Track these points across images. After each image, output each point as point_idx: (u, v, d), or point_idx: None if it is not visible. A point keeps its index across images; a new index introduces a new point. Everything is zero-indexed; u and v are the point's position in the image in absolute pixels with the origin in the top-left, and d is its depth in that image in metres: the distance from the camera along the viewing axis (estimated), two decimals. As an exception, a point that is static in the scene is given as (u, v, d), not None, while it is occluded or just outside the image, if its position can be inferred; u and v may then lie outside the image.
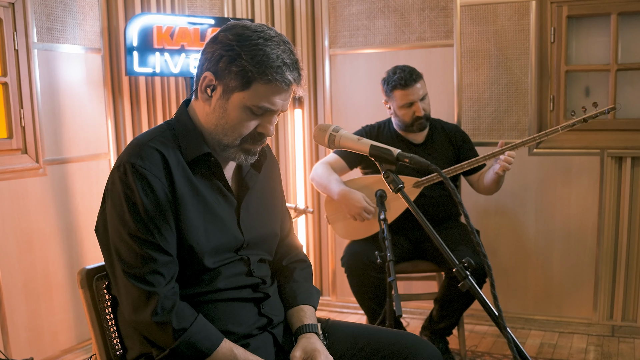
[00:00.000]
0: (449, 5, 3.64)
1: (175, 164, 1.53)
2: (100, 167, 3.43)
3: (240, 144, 1.57)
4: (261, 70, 1.47)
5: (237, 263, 1.63)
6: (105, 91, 3.42)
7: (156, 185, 1.49)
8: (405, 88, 3.07)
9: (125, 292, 1.50)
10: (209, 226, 1.56)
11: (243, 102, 1.51)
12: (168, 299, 1.49)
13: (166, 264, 1.50)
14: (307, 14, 3.95)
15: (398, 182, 1.41)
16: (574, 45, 3.54)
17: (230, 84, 1.51)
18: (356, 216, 3.02)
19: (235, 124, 1.54)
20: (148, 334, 1.52)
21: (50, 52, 3.12)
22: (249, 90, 1.50)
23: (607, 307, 3.53)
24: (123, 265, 1.49)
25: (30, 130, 3.04)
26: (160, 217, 1.49)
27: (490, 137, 3.64)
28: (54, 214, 3.16)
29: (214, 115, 1.55)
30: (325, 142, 1.53)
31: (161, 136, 1.57)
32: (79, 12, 3.25)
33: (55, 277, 3.17)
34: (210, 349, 1.49)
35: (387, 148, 1.43)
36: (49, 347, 3.13)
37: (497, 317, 1.33)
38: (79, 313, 3.28)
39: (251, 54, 1.48)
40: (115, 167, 1.52)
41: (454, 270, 1.38)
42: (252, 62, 1.47)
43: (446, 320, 3.10)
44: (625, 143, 3.40)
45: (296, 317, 1.71)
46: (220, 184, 1.61)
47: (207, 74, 1.53)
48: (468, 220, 1.34)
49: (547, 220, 3.60)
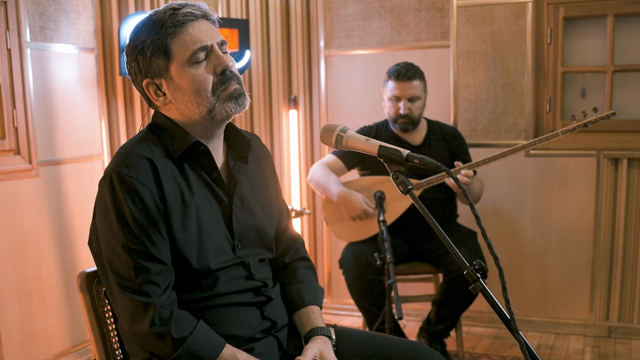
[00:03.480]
0: (445, 6, 3.63)
1: (163, 168, 1.50)
2: (94, 168, 3.38)
3: (217, 97, 1.51)
4: (162, 31, 1.48)
5: (236, 267, 1.59)
6: (98, 91, 3.38)
7: (144, 194, 1.45)
8: (397, 81, 3.05)
9: (122, 305, 1.47)
10: (201, 228, 1.53)
11: (180, 65, 1.49)
12: (165, 308, 1.45)
13: (161, 273, 1.47)
14: (302, 15, 3.93)
15: (407, 184, 1.38)
16: (570, 46, 3.54)
17: (160, 66, 1.50)
18: (356, 217, 3.00)
19: (195, 85, 1.49)
20: (147, 346, 1.49)
21: (43, 52, 3.08)
22: (173, 54, 1.48)
23: (603, 308, 3.53)
24: (117, 278, 1.46)
25: (23, 130, 2.99)
26: (151, 226, 1.45)
27: (486, 138, 3.63)
28: (47, 215, 3.11)
29: (179, 102, 1.52)
30: (333, 143, 1.50)
31: (146, 140, 1.54)
32: (72, 12, 3.21)
33: (49, 280, 3.12)
34: (212, 356, 1.46)
35: (396, 149, 1.40)
36: (43, 351, 3.08)
37: (509, 320, 1.31)
38: (72, 316, 3.23)
39: (146, 32, 1.49)
40: (102, 178, 1.49)
41: (464, 272, 1.35)
42: (152, 34, 1.48)
43: (444, 322, 3.08)
44: (621, 144, 3.40)
45: (306, 318, 1.68)
46: (211, 180, 1.57)
47: (144, 82, 1.53)
48: (479, 222, 1.32)
49: (544, 222, 3.59)
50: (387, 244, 2.51)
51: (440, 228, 1.37)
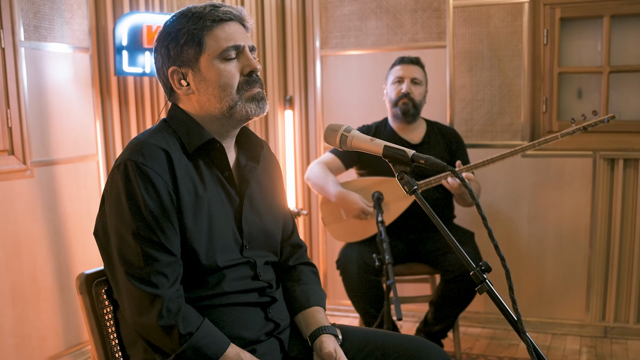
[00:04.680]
0: (441, 6, 3.63)
1: (178, 161, 1.50)
2: (89, 168, 3.35)
3: (240, 96, 1.55)
4: (200, 23, 1.52)
5: (242, 266, 1.59)
6: (93, 91, 3.35)
7: (159, 184, 1.45)
8: (401, 63, 3.18)
9: (128, 295, 1.45)
10: (212, 225, 1.52)
11: (211, 58, 1.53)
12: (173, 301, 1.44)
13: (170, 265, 1.46)
14: (298, 15, 3.91)
15: (413, 184, 1.37)
16: (566, 47, 3.55)
17: (190, 55, 1.53)
18: (354, 217, 2.99)
19: (220, 80, 1.53)
20: (152, 339, 1.46)
21: (37, 51, 3.04)
22: (206, 46, 1.52)
23: (599, 308, 3.53)
24: (125, 267, 1.44)
25: (18, 131, 2.96)
26: (163, 216, 1.45)
27: (483, 139, 3.63)
28: (41, 216, 3.08)
29: (201, 94, 1.55)
30: (337, 143, 1.49)
31: (161, 133, 1.54)
32: (66, 10, 3.18)
33: (43, 281, 3.08)
34: (217, 353, 1.45)
35: (402, 149, 1.39)
36: (37, 353, 3.04)
37: (516, 322, 1.30)
38: (67, 318, 3.20)
39: (184, 21, 1.53)
40: (115, 166, 1.48)
41: (470, 273, 1.35)
42: (189, 24, 1.52)
43: (442, 323, 3.07)
44: (617, 145, 3.41)
45: (312, 318, 1.67)
46: (223, 177, 1.58)
47: (170, 69, 1.55)
48: (486, 223, 1.31)
49: (540, 222, 3.59)
50: (386, 245, 2.51)
51: (446, 229, 1.37)
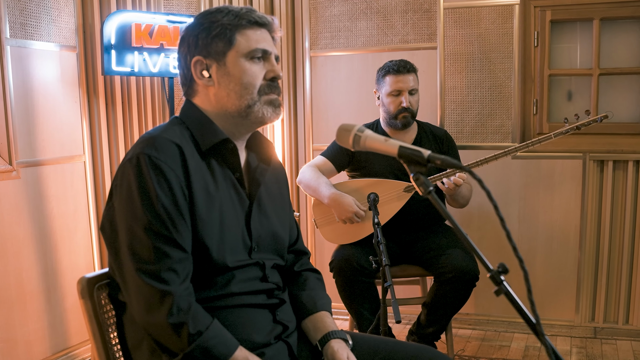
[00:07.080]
0: (432, 7, 3.62)
1: (191, 157, 1.47)
2: (75, 169, 3.28)
3: (260, 97, 1.55)
4: (235, 21, 1.53)
5: (251, 267, 1.56)
6: (80, 91, 3.28)
7: (172, 178, 1.42)
8: (397, 74, 3.08)
9: (137, 292, 1.40)
10: (223, 223, 1.50)
11: (238, 55, 1.53)
12: (183, 299, 1.40)
13: (181, 261, 1.42)
14: (287, 15, 3.88)
15: (428, 185, 1.35)
16: (557, 49, 3.57)
17: (219, 49, 1.53)
18: (347, 220, 2.96)
19: (244, 78, 1.53)
20: (160, 337, 1.42)
21: (23, 49, 2.97)
22: (236, 43, 1.53)
23: (589, 309, 3.56)
24: (135, 263, 1.39)
25: (3, 130, 2.88)
26: (176, 211, 1.41)
27: (473, 140, 3.63)
28: (27, 218, 3.01)
29: (222, 89, 1.54)
30: (350, 143, 1.46)
31: (174, 129, 1.52)
32: (53, 8, 3.11)
33: (29, 284, 3.01)
34: (226, 355, 1.41)
35: (417, 149, 1.37)
36: (23, 358, 2.97)
37: (535, 324, 1.28)
38: (53, 322, 3.12)
39: (219, 16, 1.54)
40: (127, 159, 1.44)
41: (487, 276, 1.32)
42: (224, 19, 1.53)
43: (435, 325, 3.06)
44: (607, 147, 3.44)
45: (320, 322, 1.66)
46: (234, 178, 1.56)
47: (195, 59, 1.54)
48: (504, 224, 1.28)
49: (530, 224, 3.61)
50: (383, 247, 2.48)
51: (462, 230, 1.34)
